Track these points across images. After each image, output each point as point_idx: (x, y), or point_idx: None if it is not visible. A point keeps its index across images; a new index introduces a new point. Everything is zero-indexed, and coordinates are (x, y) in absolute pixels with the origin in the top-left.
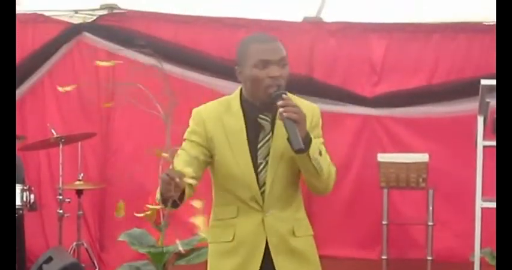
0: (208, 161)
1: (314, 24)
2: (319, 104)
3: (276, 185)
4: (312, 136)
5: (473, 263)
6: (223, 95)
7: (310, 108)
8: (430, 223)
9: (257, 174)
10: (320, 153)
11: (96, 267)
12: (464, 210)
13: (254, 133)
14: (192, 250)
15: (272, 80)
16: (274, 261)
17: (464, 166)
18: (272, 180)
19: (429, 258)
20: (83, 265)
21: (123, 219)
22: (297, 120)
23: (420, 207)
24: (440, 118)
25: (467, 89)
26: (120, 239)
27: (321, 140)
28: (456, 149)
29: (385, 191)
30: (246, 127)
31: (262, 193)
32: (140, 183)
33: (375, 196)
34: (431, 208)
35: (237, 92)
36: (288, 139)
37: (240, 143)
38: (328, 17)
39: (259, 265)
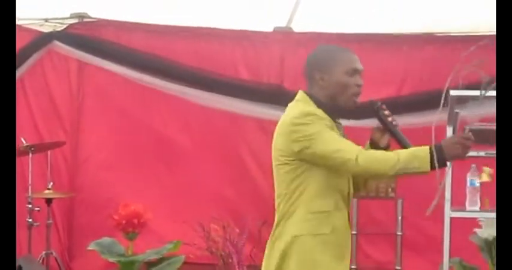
0: None
1: (284, 34)
2: None
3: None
4: None
5: None
6: (194, 104)
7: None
8: (399, 233)
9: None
10: None
11: None
12: (433, 220)
13: None
14: (162, 259)
15: (358, 88)
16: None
17: (433, 176)
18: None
19: (398, 268)
20: None
21: (92, 228)
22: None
23: (389, 217)
24: (410, 129)
25: (436, 99)
26: (89, 247)
27: None
28: None
29: (355, 200)
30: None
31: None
32: (110, 192)
33: None
34: (400, 218)
35: (306, 98)
36: (400, 142)
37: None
38: (298, 27)
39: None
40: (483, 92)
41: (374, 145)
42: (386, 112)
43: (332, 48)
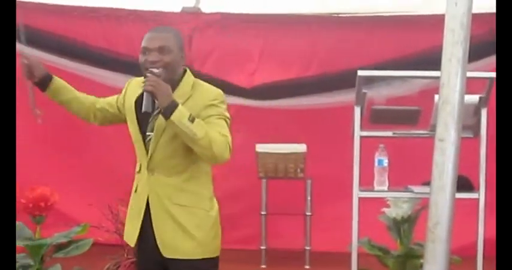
0: (115, 115)
1: (192, 15)
2: None
3: (158, 153)
4: (197, 112)
5: (351, 252)
6: (102, 85)
7: (209, 90)
8: (308, 213)
9: (145, 142)
10: (192, 121)
11: None
12: (341, 200)
13: (150, 108)
14: (70, 242)
15: (151, 64)
16: (152, 219)
17: (342, 156)
18: (154, 148)
19: (307, 248)
20: None
21: None
22: (151, 91)
23: (299, 198)
24: (318, 109)
25: (342, 80)
26: None
27: (219, 117)
28: (334, 140)
29: (264, 181)
30: (136, 103)
31: (150, 158)
32: (19, 177)
33: (253, 186)
34: (309, 198)
35: None
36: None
37: (131, 111)
38: (206, 7)
39: (141, 219)
40: None
41: None
42: (145, 78)
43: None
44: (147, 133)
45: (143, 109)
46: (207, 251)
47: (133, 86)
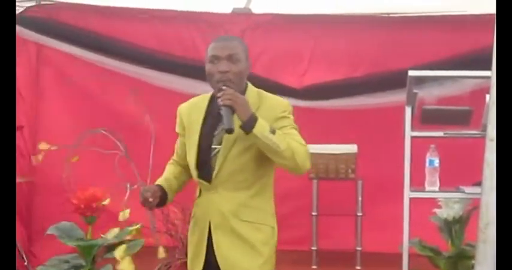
0: None
1: (243, 16)
2: None
3: (226, 167)
4: (274, 124)
5: (402, 253)
6: (151, 85)
7: (278, 101)
8: (359, 214)
9: (210, 157)
10: (273, 133)
11: (25, 261)
12: (392, 200)
13: (212, 123)
14: (122, 243)
15: (221, 75)
16: (213, 238)
17: (393, 157)
18: (221, 162)
19: (358, 248)
20: None
21: (51, 212)
22: (231, 105)
23: (350, 198)
24: (368, 109)
25: (390, 80)
26: (48, 232)
27: (292, 127)
28: (385, 140)
29: (315, 182)
30: (205, 119)
31: (216, 173)
32: (71, 177)
33: (304, 187)
34: (360, 199)
35: None
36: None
37: (194, 131)
38: (257, 8)
39: (206, 242)
40: None
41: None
42: (220, 93)
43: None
44: (213, 146)
45: (226, 127)
46: (271, 267)
47: (189, 109)
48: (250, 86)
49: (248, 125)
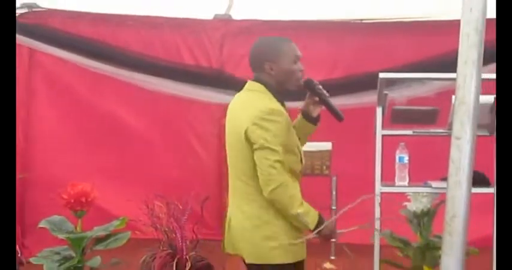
0: None
1: (224, 22)
2: (230, 96)
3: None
4: None
5: (373, 244)
6: (139, 88)
7: None
8: (334, 207)
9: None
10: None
11: (18, 253)
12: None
13: None
14: (109, 235)
15: (301, 73)
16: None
17: (365, 154)
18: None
19: (333, 240)
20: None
21: (43, 206)
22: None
23: (325, 193)
24: (343, 109)
25: (367, 82)
26: (40, 225)
27: None
28: (358, 138)
29: None
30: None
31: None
32: (60, 173)
33: None
34: (334, 193)
35: (261, 86)
36: (333, 113)
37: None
38: (237, 15)
39: None
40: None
41: (307, 116)
42: (320, 86)
43: (275, 39)
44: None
45: (341, 116)
46: None
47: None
48: None
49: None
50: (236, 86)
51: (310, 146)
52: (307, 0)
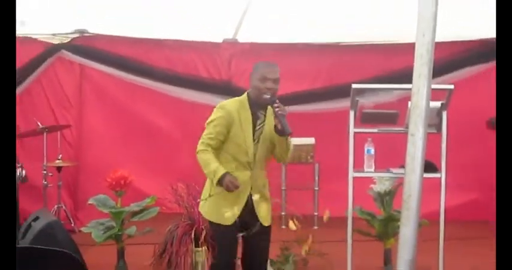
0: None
1: (231, 44)
2: None
3: (261, 154)
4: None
5: (347, 217)
6: (165, 95)
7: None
8: (316, 188)
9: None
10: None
11: (72, 224)
12: (340, 179)
13: (254, 121)
14: (142, 210)
15: (269, 91)
16: (253, 200)
17: (341, 147)
18: (260, 150)
19: (315, 213)
20: (62, 222)
21: (91, 187)
22: (285, 116)
23: (309, 177)
24: (323, 112)
25: (342, 91)
26: (89, 202)
27: None
28: (335, 135)
29: (283, 165)
30: (252, 117)
31: (254, 157)
32: (105, 162)
33: (275, 169)
34: (317, 178)
35: (245, 95)
36: (279, 126)
37: (248, 127)
38: (242, 38)
39: (244, 202)
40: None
41: (274, 127)
42: (276, 104)
43: (261, 63)
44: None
45: (287, 131)
46: None
47: (237, 107)
48: None
49: (288, 131)
50: (241, 94)
51: (298, 141)
52: (296, 27)
